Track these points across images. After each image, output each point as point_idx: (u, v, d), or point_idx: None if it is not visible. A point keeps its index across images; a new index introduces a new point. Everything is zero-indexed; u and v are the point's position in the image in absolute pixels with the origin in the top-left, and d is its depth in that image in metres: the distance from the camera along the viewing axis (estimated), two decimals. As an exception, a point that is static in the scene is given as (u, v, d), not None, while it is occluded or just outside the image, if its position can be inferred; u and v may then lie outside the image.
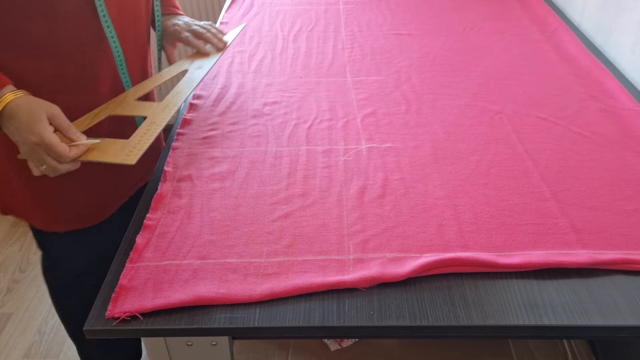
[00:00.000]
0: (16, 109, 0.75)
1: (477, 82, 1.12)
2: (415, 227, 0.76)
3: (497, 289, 0.67)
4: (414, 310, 0.64)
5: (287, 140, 0.96)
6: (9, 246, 1.89)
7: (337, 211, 0.79)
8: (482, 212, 0.79)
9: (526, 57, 1.21)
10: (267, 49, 1.30)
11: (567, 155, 0.90)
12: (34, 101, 0.77)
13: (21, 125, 0.74)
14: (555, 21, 1.37)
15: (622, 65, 1.17)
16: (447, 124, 0.99)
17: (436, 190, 0.83)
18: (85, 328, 0.64)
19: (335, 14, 1.48)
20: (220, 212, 0.80)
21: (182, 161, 0.91)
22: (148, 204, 0.82)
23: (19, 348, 1.55)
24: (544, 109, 1.02)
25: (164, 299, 0.66)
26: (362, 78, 1.16)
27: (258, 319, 0.64)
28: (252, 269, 0.70)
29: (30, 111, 0.75)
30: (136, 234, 0.76)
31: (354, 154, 0.92)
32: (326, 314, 0.65)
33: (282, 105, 1.07)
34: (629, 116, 0.98)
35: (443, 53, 1.25)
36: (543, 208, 0.79)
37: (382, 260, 0.70)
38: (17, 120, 0.75)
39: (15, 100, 0.75)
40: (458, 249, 0.72)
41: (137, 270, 0.70)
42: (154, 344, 0.70)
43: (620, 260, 0.69)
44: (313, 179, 0.86)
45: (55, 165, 0.76)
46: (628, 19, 1.16)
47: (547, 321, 0.63)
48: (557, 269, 0.70)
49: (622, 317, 0.63)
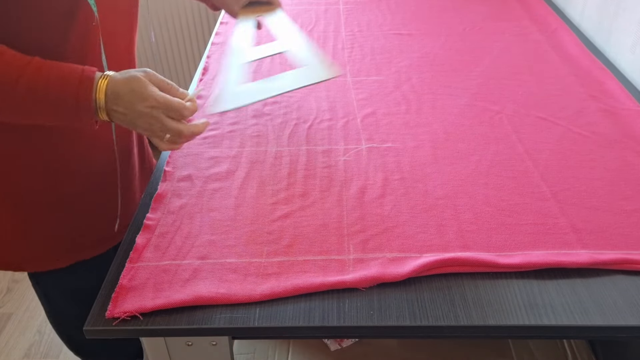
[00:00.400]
0: (116, 87, 0.70)
1: (477, 82, 1.12)
2: (415, 227, 0.76)
3: (497, 289, 0.67)
4: (414, 310, 0.65)
5: (287, 140, 0.96)
6: (9, 246, 1.89)
7: (337, 211, 0.79)
8: (482, 212, 0.79)
9: (526, 57, 1.21)
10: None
11: (567, 155, 0.90)
12: (127, 72, 0.71)
13: (131, 99, 0.70)
14: (555, 21, 1.37)
15: (622, 65, 1.17)
16: (447, 124, 0.99)
17: (436, 190, 0.83)
18: (85, 328, 0.64)
19: (335, 14, 1.48)
20: (220, 212, 0.80)
21: (182, 161, 0.91)
22: (148, 204, 0.82)
23: (19, 348, 1.56)
24: (544, 109, 1.02)
25: (164, 299, 0.66)
26: (362, 78, 1.16)
27: (258, 319, 0.64)
28: (252, 269, 0.70)
29: (130, 81, 0.70)
30: (136, 234, 0.76)
31: (354, 154, 0.92)
32: (326, 314, 0.65)
33: (282, 105, 1.07)
34: (629, 116, 0.98)
35: (443, 53, 1.25)
36: (543, 208, 0.79)
37: (382, 260, 0.70)
38: (124, 97, 0.70)
39: (109, 83, 0.70)
40: (458, 249, 0.72)
41: (137, 270, 0.70)
42: (154, 344, 0.70)
43: (620, 260, 0.70)
44: (313, 179, 0.86)
45: (177, 127, 0.72)
46: (628, 19, 1.16)
47: (547, 321, 0.63)
48: (557, 269, 0.70)
49: (622, 317, 0.63)
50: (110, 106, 0.70)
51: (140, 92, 0.70)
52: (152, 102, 0.70)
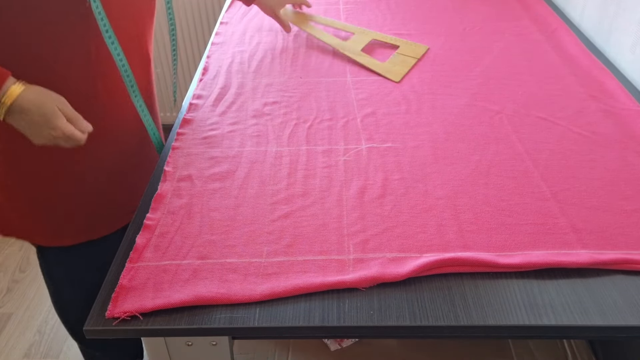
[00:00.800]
0: (27, 104, 0.74)
1: (477, 82, 1.12)
2: (415, 227, 0.76)
3: (497, 289, 0.67)
4: (414, 310, 0.64)
5: (287, 140, 0.96)
6: (9, 246, 1.89)
7: (337, 211, 0.79)
8: (482, 212, 0.79)
9: (526, 57, 1.21)
10: (267, 49, 1.30)
11: (567, 155, 0.90)
12: (42, 94, 0.76)
13: (36, 121, 0.75)
14: (555, 21, 1.36)
15: (622, 65, 1.17)
16: (447, 124, 0.99)
17: (436, 190, 0.83)
18: (85, 328, 0.64)
19: (335, 14, 1.48)
20: (220, 212, 0.80)
21: (182, 161, 0.91)
22: (148, 204, 0.82)
23: (19, 348, 1.56)
24: (544, 109, 1.02)
25: (164, 298, 0.66)
26: (362, 78, 1.16)
27: (258, 319, 0.64)
28: (252, 269, 0.70)
29: (41, 106, 0.75)
30: (136, 234, 0.76)
31: (354, 154, 0.92)
32: (326, 314, 0.65)
33: (282, 105, 1.07)
34: (629, 116, 0.98)
35: (443, 53, 1.25)
36: (543, 208, 0.79)
37: (382, 260, 0.70)
38: (30, 117, 0.75)
39: (23, 94, 0.75)
40: (458, 249, 0.72)
41: (137, 270, 0.70)
42: (154, 344, 0.70)
43: (620, 260, 0.69)
44: (313, 179, 0.86)
45: (69, 144, 0.79)
46: (628, 19, 1.16)
47: (547, 321, 0.63)
48: (557, 269, 0.70)
49: (622, 317, 0.63)
50: (12, 115, 0.75)
51: (48, 120, 0.76)
52: (57, 133, 0.77)
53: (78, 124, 0.80)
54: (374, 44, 1.29)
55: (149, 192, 0.85)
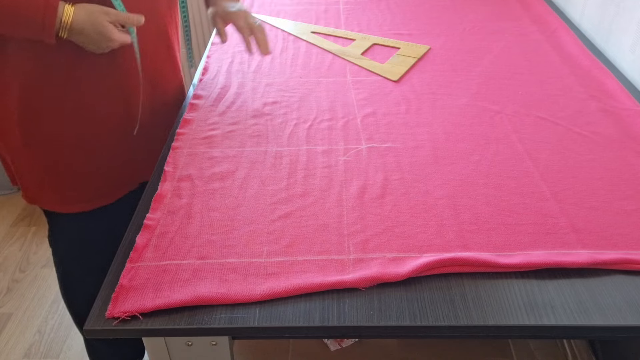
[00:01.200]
0: (82, 24, 0.83)
1: (477, 82, 1.12)
2: (415, 227, 0.76)
3: (497, 289, 0.67)
4: (414, 310, 0.64)
5: (287, 140, 0.96)
6: (9, 246, 1.89)
7: (337, 211, 0.79)
8: (482, 212, 0.79)
9: (526, 57, 1.21)
10: (267, 49, 1.30)
11: (567, 155, 0.90)
12: (91, 12, 0.83)
13: (94, 39, 0.84)
14: (555, 21, 1.36)
15: (622, 65, 1.17)
16: (447, 124, 0.99)
17: (436, 190, 0.83)
18: (85, 328, 0.64)
19: (335, 14, 1.48)
20: (220, 212, 0.80)
21: (182, 161, 0.91)
22: (148, 204, 0.82)
23: (19, 348, 1.55)
24: (544, 109, 1.02)
25: (164, 298, 0.66)
26: (362, 78, 1.16)
27: (258, 319, 0.64)
28: (252, 269, 0.70)
29: (95, 24, 0.83)
30: (136, 234, 0.76)
31: (354, 154, 0.92)
32: (326, 314, 0.65)
33: (282, 105, 1.07)
34: (629, 116, 0.98)
35: (443, 53, 1.25)
36: (543, 208, 0.79)
37: (382, 260, 0.70)
38: (88, 35, 0.84)
39: (76, 14, 0.82)
40: (458, 249, 0.72)
41: (137, 270, 0.70)
42: (154, 344, 0.70)
43: (620, 260, 0.69)
44: (313, 179, 0.86)
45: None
46: (628, 19, 1.16)
47: (547, 321, 0.63)
48: (557, 269, 0.70)
49: (622, 317, 0.63)
50: (72, 34, 0.84)
51: (106, 35, 0.85)
52: (115, 44, 0.86)
53: (128, 21, 0.87)
54: (374, 47, 1.30)
55: (149, 192, 0.85)
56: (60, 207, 1.05)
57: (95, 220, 1.07)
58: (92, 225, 1.09)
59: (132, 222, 0.80)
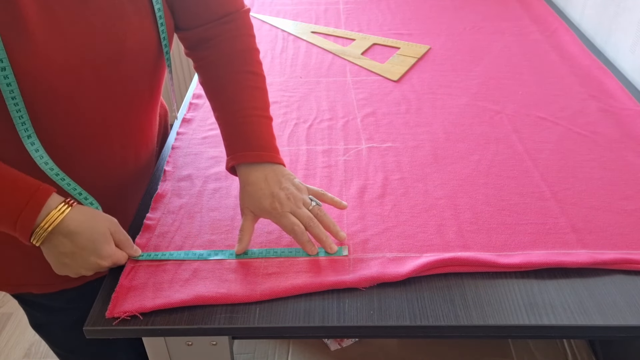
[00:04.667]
0: (77, 227, 0.65)
1: (477, 82, 1.12)
2: (415, 227, 0.76)
3: (497, 289, 0.67)
4: (414, 310, 0.64)
5: (287, 140, 0.96)
6: (9, 246, 1.89)
7: (337, 211, 0.79)
8: (482, 212, 0.79)
9: (526, 57, 1.21)
10: (267, 49, 1.30)
11: (567, 155, 0.90)
12: (93, 216, 0.67)
13: (84, 246, 0.65)
14: (555, 21, 1.36)
15: (622, 65, 1.17)
16: (447, 124, 0.99)
17: (436, 190, 0.83)
18: (85, 328, 0.64)
19: (335, 14, 1.48)
20: (220, 212, 0.80)
21: (182, 161, 0.91)
22: (148, 204, 0.82)
23: (19, 348, 1.55)
24: (544, 109, 1.02)
25: (164, 298, 0.66)
26: (362, 78, 1.16)
27: (258, 318, 0.64)
28: (252, 269, 0.70)
29: (93, 229, 0.66)
30: (136, 234, 0.76)
31: (354, 154, 0.92)
32: (326, 314, 0.65)
33: (282, 105, 1.07)
34: (629, 116, 0.98)
35: (443, 53, 1.25)
36: (543, 208, 0.79)
37: (382, 260, 0.70)
38: (78, 241, 0.65)
39: (71, 215, 0.65)
40: (458, 248, 0.72)
41: (137, 270, 0.70)
42: (154, 344, 0.70)
43: (620, 260, 0.69)
44: (313, 179, 0.86)
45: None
46: (628, 19, 1.16)
47: (547, 321, 0.63)
48: (557, 269, 0.69)
49: (622, 317, 0.63)
50: (55, 237, 0.64)
51: (99, 247, 0.66)
52: (106, 262, 0.67)
53: (127, 248, 0.70)
54: (374, 47, 1.30)
55: (149, 191, 0.85)
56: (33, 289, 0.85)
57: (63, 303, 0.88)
58: (71, 302, 0.88)
59: (132, 222, 0.80)
